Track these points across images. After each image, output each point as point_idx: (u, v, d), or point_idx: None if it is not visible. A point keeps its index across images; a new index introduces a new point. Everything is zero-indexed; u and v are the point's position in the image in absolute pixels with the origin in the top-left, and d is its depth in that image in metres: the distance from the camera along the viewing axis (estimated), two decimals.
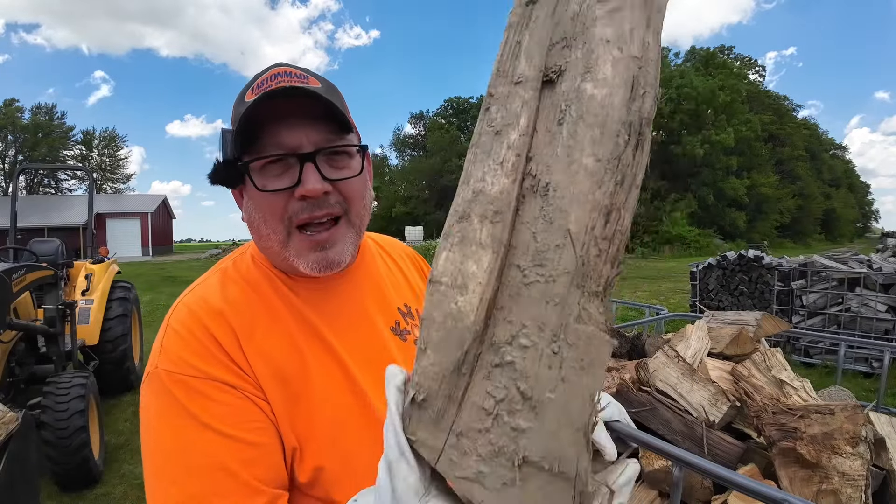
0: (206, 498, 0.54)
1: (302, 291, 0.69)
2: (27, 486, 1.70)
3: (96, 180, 45.23)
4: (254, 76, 0.66)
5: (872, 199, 74.21)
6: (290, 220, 0.63)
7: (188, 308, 0.64)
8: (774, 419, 1.11)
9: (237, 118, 0.62)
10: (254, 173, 0.61)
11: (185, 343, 0.61)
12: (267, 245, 0.66)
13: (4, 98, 45.08)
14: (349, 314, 0.72)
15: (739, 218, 30.79)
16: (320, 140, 0.62)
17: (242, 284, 0.68)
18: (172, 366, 0.59)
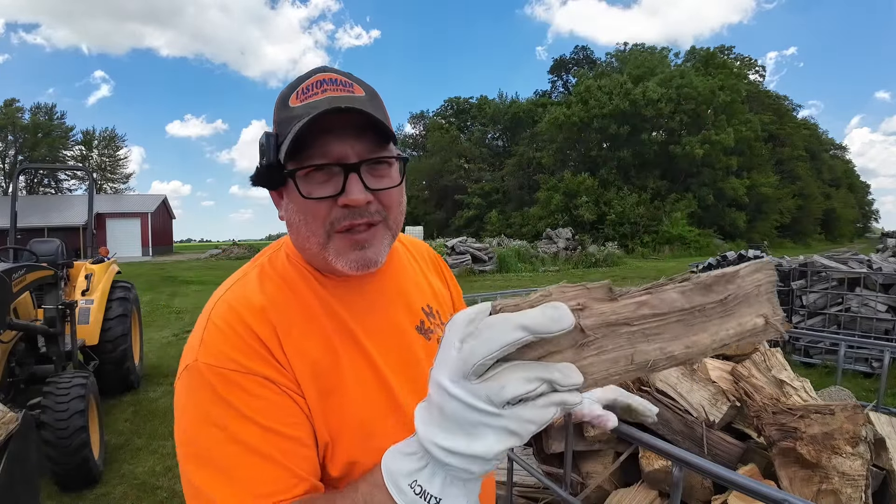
0: (252, 484, 0.56)
1: (334, 290, 0.72)
2: (27, 486, 1.70)
3: (96, 180, 45.21)
4: (297, 79, 0.68)
5: (872, 199, 74.21)
6: (331, 225, 0.66)
7: (229, 304, 0.67)
8: (774, 419, 1.11)
9: (282, 122, 0.66)
10: (299, 180, 0.64)
11: (226, 338, 0.63)
12: (305, 245, 0.69)
13: (4, 98, 45.05)
14: (378, 313, 0.75)
15: (739, 218, 30.78)
16: (364, 151, 0.65)
17: (279, 282, 0.71)
18: (213, 359, 0.61)
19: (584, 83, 33.39)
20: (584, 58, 45.46)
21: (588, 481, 1.31)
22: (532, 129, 37.67)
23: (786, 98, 44.33)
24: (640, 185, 30.72)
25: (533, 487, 1.53)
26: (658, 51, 37.95)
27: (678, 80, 30.88)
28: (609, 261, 19.68)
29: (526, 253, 18.73)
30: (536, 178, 34.54)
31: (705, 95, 30.38)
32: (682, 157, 29.86)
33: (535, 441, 1.49)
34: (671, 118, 30.41)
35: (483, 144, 43.47)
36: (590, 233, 27.42)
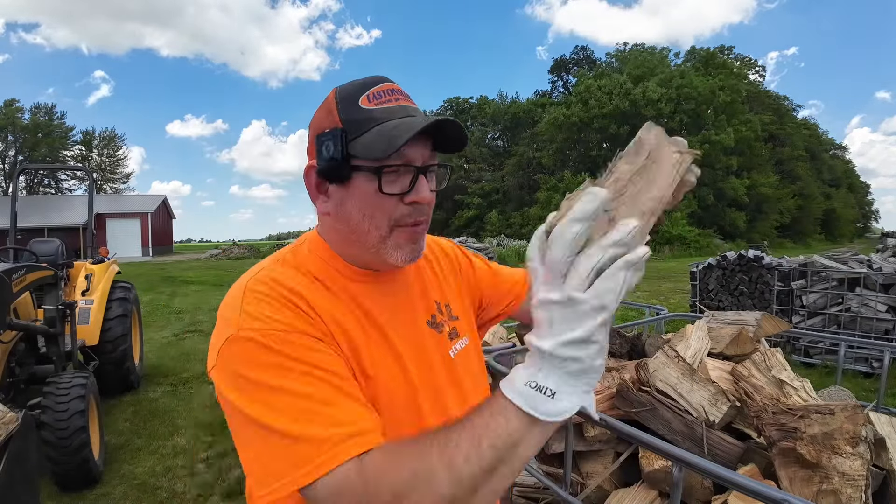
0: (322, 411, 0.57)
1: (361, 284, 0.77)
2: (27, 486, 1.70)
3: (96, 180, 45.22)
4: (359, 83, 0.73)
5: (872, 199, 74.17)
6: (395, 220, 0.71)
7: (264, 282, 0.68)
8: (774, 419, 1.11)
9: (355, 121, 0.69)
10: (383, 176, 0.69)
11: (269, 303, 0.65)
12: (359, 239, 0.73)
13: (4, 98, 45.04)
14: (397, 305, 0.80)
15: (739, 218, 30.77)
16: (427, 157, 0.72)
17: (304, 274, 0.74)
18: (260, 324, 0.62)
19: (584, 83, 33.39)
20: (584, 58, 45.46)
21: (588, 481, 1.31)
22: (532, 129, 37.66)
23: (786, 98, 44.35)
24: None
25: (533, 487, 1.53)
26: (658, 51, 37.96)
27: (678, 80, 30.88)
28: None
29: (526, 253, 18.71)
30: (536, 179, 34.54)
31: (705, 95, 30.39)
32: None
33: None
34: (671, 118, 30.39)
35: (483, 144, 43.44)
36: None
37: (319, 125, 0.73)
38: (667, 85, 30.66)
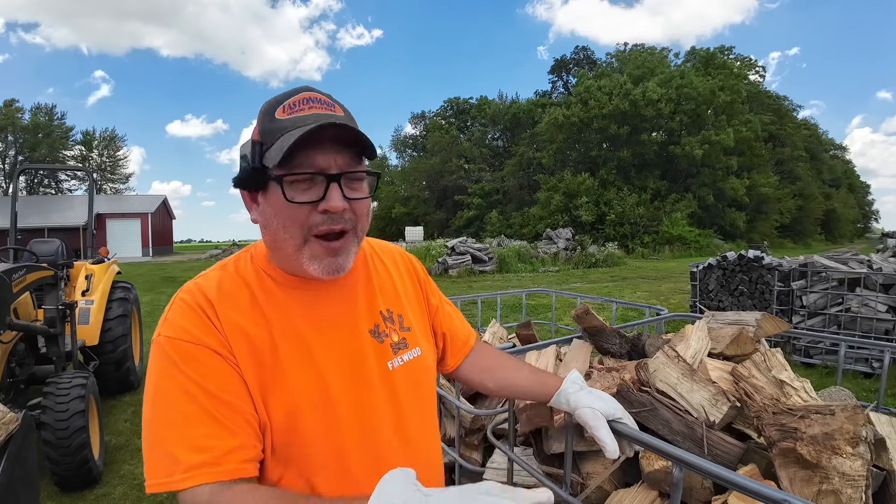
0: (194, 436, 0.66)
1: (290, 291, 0.79)
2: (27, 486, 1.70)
3: (96, 181, 45.20)
4: (282, 95, 0.75)
5: (872, 200, 74.23)
6: (309, 229, 0.73)
7: (189, 290, 0.77)
8: (775, 419, 1.11)
9: (268, 132, 0.72)
10: (286, 185, 0.71)
11: (184, 313, 0.73)
12: (279, 248, 0.76)
13: (4, 98, 45.01)
14: (332, 315, 0.81)
15: (739, 218, 30.76)
16: (344, 164, 0.73)
17: (237, 279, 0.79)
18: (172, 332, 0.72)
19: (584, 83, 33.38)
20: (584, 58, 45.46)
21: (588, 482, 1.31)
22: (532, 129, 37.66)
23: (786, 98, 44.32)
24: (640, 185, 30.69)
25: (533, 488, 1.52)
26: (658, 51, 37.96)
27: (678, 80, 30.87)
28: (609, 261, 19.68)
29: (526, 253, 18.73)
30: (536, 179, 34.54)
31: (705, 96, 30.38)
32: (682, 157, 29.85)
33: (535, 441, 1.49)
34: (671, 118, 30.39)
35: (483, 145, 43.45)
36: (590, 233, 27.39)
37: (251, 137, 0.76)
38: (667, 85, 30.64)
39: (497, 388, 1.11)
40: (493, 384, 1.10)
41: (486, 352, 1.12)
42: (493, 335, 2.57)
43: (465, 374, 1.09)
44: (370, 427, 0.79)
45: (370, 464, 0.77)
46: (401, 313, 0.90)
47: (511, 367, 1.10)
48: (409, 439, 0.84)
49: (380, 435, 0.80)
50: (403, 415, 0.84)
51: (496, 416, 1.71)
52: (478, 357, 1.10)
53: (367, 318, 0.85)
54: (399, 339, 0.87)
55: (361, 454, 0.77)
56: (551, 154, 33.85)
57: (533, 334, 2.35)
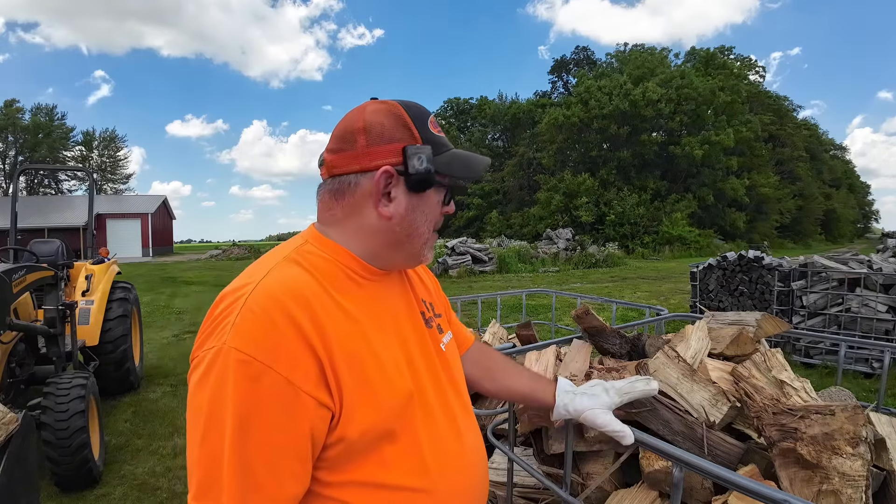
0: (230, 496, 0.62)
1: (363, 282, 0.81)
2: (27, 487, 1.70)
3: (96, 181, 45.22)
4: (421, 108, 0.82)
5: (872, 200, 74.27)
6: (435, 225, 0.85)
7: (270, 291, 0.68)
8: (775, 420, 1.11)
9: (432, 141, 0.80)
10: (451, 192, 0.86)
11: (261, 326, 0.64)
12: (408, 242, 0.82)
13: (4, 99, 45.04)
14: (400, 302, 0.88)
15: (739, 218, 30.76)
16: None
17: (311, 270, 0.75)
18: (243, 345, 0.63)
19: (584, 84, 33.38)
20: (584, 58, 45.47)
21: (588, 482, 1.31)
22: (532, 129, 37.67)
23: (786, 98, 44.32)
24: (640, 185, 30.69)
25: (533, 488, 1.52)
26: (658, 51, 37.96)
27: (678, 80, 30.87)
28: (609, 261, 19.68)
29: (526, 253, 18.73)
30: (536, 179, 34.54)
31: (705, 96, 30.38)
32: (682, 157, 29.85)
33: (535, 442, 1.49)
34: (671, 119, 30.39)
35: (483, 145, 43.45)
36: (590, 233, 27.39)
37: (391, 135, 0.77)
38: (667, 85, 30.64)
39: (495, 391, 1.14)
40: (492, 385, 1.13)
41: (488, 353, 1.16)
42: (493, 335, 2.57)
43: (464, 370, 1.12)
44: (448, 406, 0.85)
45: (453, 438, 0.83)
46: (432, 302, 0.99)
47: (511, 372, 1.14)
48: (466, 413, 0.90)
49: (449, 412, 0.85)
50: (460, 392, 0.92)
51: (496, 416, 1.71)
52: (478, 355, 1.13)
53: (416, 305, 0.92)
54: (438, 325, 0.95)
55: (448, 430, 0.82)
56: (551, 154, 33.86)
57: (533, 334, 2.35)
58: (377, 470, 0.72)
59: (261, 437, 0.62)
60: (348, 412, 0.68)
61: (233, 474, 0.62)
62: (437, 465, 0.77)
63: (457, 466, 0.82)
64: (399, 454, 0.73)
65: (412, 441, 0.75)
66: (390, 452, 0.72)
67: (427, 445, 0.76)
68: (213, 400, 0.63)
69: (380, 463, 0.72)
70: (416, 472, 0.75)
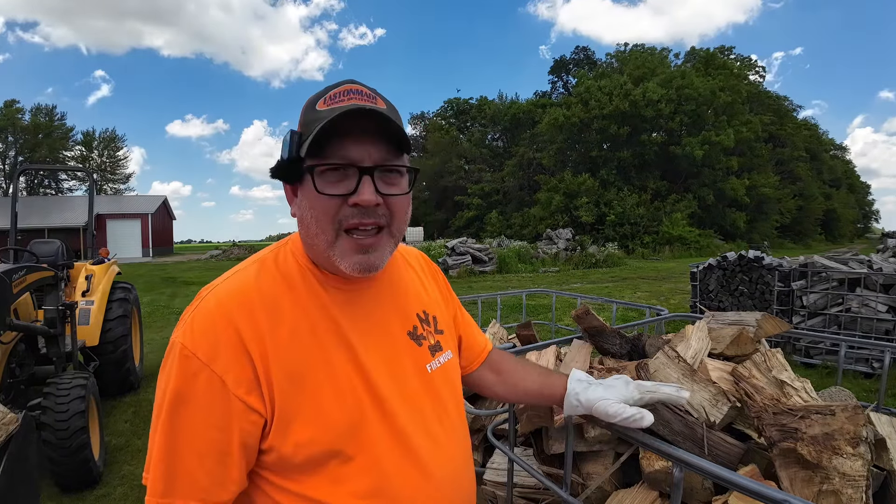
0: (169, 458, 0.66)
1: (332, 290, 0.76)
2: (27, 487, 1.70)
3: (96, 181, 45.23)
4: (326, 87, 0.74)
5: (873, 200, 74.29)
6: (340, 223, 0.70)
7: (218, 297, 0.70)
8: (775, 420, 1.11)
9: (307, 123, 0.70)
10: (316, 176, 0.69)
11: (204, 328, 0.68)
12: (314, 242, 0.73)
13: (5, 99, 45.03)
14: (372, 316, 0.79)
15: (740, 218, 30.74)
16: (379, 157, 0.70)
17: (278, 277, 0.75)
18: (189, 342, 0.67)
19: (584, 84, 33.37)
20: (584, 58, 45.46)
21: (588, 482, 1.31)
22: (532, 129, 37.66)
23: (786, 99, 44.31)
24: (641, 185, 30.68)
25: (533, 488, 1.52)
26: (658, 51, 37.96)
27: (679, 80, 30.86)
28: (609, 261, 19.67)
29: (526, 253, 18.73)
30: (537, 179, 34.53)
31: (706, 96, 30.36)
32: (683, 157, 29.83)
33: (535, 442, 1.49)
34: (671, 119, 30.37)
35: (483, 145, 43.45)
36: (590, 233, 27.39)
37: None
38: (667, 85, 30.63)
39: (505, 394, 1.09)
40: (503, 389, 1.08)
41: (500, 357, 1.11)
42: (493, 335, 2.57)
43: (477, 380, 1.08)
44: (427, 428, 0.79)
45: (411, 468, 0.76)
46: (435, 315, 0.90)
47: (522, 373, 1.07)
48: (450, 440, 0.83)
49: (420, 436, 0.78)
50: (448, 417, 0.83)
51: (496, 417, 1.71)
52: (491, 361, 1.08)
53: (405, 319, 0.84)
54: (435, 342, 0.87)
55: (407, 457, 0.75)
56: (551, 154, 33.85)
57: (533, 335, 2.35)
58: (330, 488, 0.70)
59: (186, 429, 0.65)
60: (281, 422, 0.68)
61: (158, 458, 0.65)
62: (401, 491, 0.73)
63: (427, 496, 0.76)
64: (354, 476, 0.71)
65: (371, 464, 0.72)
66: (344, 473, 0.70)
67: (391, 470, 0.73)
68: (160, 387, 0.68)
69: (333, 481, 0.70)
70: (373, 495, 0.71)
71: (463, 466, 0.85)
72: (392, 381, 0.76)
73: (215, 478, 0.66)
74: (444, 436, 0.81)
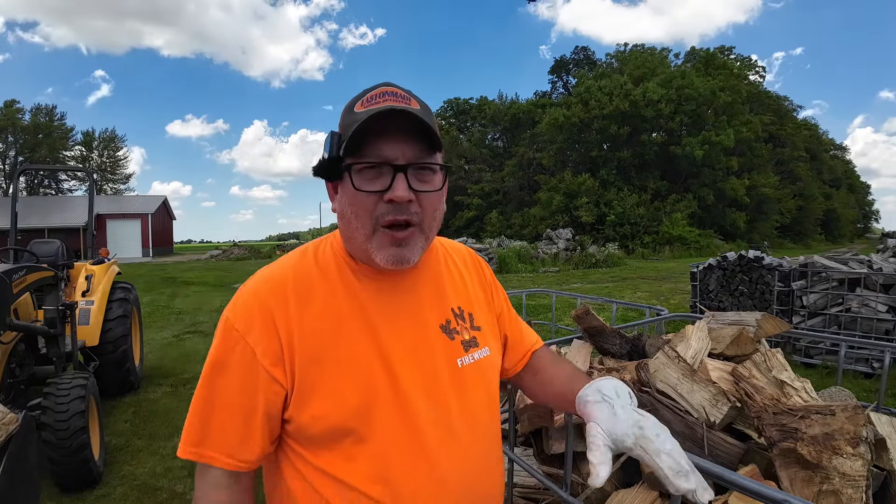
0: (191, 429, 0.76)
1: (365, 280, 0.82)
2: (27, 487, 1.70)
3: (96, 181, 45.23)
4: (363, 91, 0.78)
5: (873, 200, 74.34)
6: (377, 218, 0.75)
7: (258, 278, 0.81)
8: (775, 420, 1.11)
9: (346, 125, 0.75)
10: (354, 174, 0.74)
11: (244, 304, 0.78)
12: (353, 235, 0.78)
13: (5, 99, 45.03)
14: (403, 307, 0.83)
15: (740, 218, 30.74)
16: (413, 156, 0.74)
17: (313, 265, 0.82)
18: (231, 315, 0.77)
19: (584, 84, 33.37)
20: (584, 58, 45.45)
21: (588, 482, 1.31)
22: (532, 129, 37.65)
23: (786, 99, 44.31)
24: (641, 185, 30.68)
25: (533, 488, 1.52)
26: (658, 51, 37.95)
27: (679, 80, 30.85)
28: (609, 261, 19.68)
29: (526, 253, 18.73)
30: (537, 179, 34.53)
31: (706, 96, 30.36)
32: (683, 157, 29.82)
33: (535, 442, 1.49)
34: (671, 119, 30.36)
35: (483, 145, 43.42)
36: (590, 233, 27.39)
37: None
38: (667, 85, 30.62)
39: (538, 395, 1.04)
40: (537, 390, 1.03)
41: (541, 356, 1.04)
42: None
43: (519, 381, 1.05)
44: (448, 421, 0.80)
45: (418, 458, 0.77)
46: (471, 312, 0.91)
47: (551, 370, 1.00)
48: (470, 437, 0.82)
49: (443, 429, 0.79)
50: (474, 413, 0.84)
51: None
52: (534, 361, 1.04)
53: (439, 313, 0.86)
54: (470, 338, 0.88)
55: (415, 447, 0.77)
56: (551, 154, 33.85)
57: None
58: (344, 465, 0.75)
59: (221, 391, 0.74)
60: (300, 395, 0.75)
61: (195, 413, 0.75)
62: (402, 479, 0.75)
63: (430, 492, 0.76)
64: (364, 457, 0.75)
65: (379, 449, 0.75)
66: (357, 453, 0.75)
67: (396, 457, 0.75)
68: (209, 354, 0.77)
69: (346, 459, 0.75)
70: (377, 480, 0.74)
71: (481, 467, 0.84)
72: (416, 370, 0.79)
73: (242, 438, 0.74)
74: (464, 432, 0.81)
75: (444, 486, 0.77)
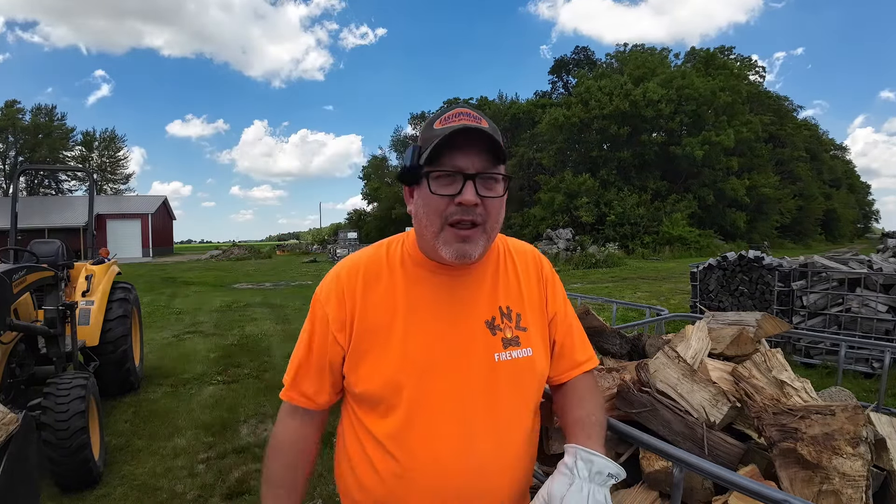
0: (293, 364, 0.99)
1: (426, 273, 0.95)
2: (27, 487, 1.70)
3: (96, 181, 45.23)
4: (441, 110, 0.93)
5: (873, 200, 74.30)
6: (445, 218, 0.86)
7: (342, 265, 1.00)
8: (775, 420, 1.11)
9: (426, 139, 0.88)
10: (431, 180, 0.86)
11: (329, 281, 0.98)
12: (424, 233, 0.90)
13: (5, 99, 45.05)
14: (454, 301, 0.94)
15: (740, 218, 30.72)
16: (481, 166, 0.86)
17: (383, 257, 0.98)
18: (319, 290, 0.98)
19: (585, 84, 33.34)
20: (584, 58, 45.42)
21: None
22: (532, 129, 37.64)
23: (786, 99, 44.28)
24: (641, 185, 30.65)
25: (533, 489, 1.52)
26: (658, 51, 37.93)
27: (679, 80, 30.83)
28: (609, 261, 19.68)
29: None
30: (537, 179, 34.51)
31: (706, 96, 30.33)
32: (683, 157, 29.80)
33: None
34: (671, 119, 30.34)
35: None
36: (590, 233, 27.38)
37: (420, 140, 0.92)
38: (667, 86, 30.59)
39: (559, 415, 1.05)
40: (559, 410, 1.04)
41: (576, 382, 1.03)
42: None
43: (554, 393, 1.05)
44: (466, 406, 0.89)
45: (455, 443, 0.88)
46: (519, 312, 0.98)
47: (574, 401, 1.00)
48: (489, 431, 0.89)
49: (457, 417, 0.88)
50: (498, 407, 0.91)
51: None
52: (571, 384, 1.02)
53: (486, 309, 0.95)
54: (512, 336, 0.94)
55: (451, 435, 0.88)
56: (552, 154, 33.82)
57: None
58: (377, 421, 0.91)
59: (307, 347, 0.96)
60: (352, 359, 0.92)
61: (292, 362, 0.98)
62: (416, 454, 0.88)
63: (442, 468, 0.87)
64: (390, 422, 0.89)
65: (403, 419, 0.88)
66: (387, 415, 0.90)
67: (415, 432, 0.88)
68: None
69: (380, 417, 0.91)
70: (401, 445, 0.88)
71: (490, 460, 0.89)
72: (451, 358, 0.90)
73: (316, 385, 0.96)
74: (484, 425, 0.89)
75: (443, 469, 0.87)
